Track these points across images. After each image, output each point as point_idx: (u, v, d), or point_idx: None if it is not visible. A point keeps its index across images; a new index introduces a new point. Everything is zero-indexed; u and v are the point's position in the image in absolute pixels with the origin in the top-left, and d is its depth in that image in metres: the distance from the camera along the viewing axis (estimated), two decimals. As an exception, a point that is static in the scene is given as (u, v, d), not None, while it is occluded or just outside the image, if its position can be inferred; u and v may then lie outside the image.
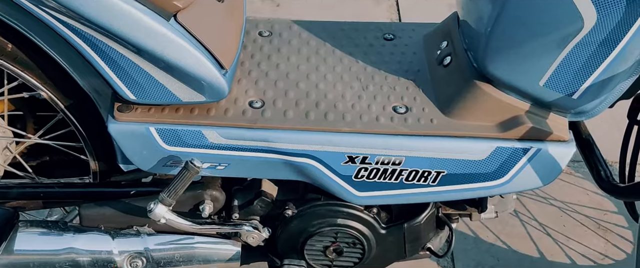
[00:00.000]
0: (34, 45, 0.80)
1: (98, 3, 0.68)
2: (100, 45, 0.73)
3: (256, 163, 0.81)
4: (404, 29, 0.98)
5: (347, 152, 0.79)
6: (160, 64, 0.74)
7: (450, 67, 0.84)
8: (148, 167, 0.82)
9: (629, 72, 0.74)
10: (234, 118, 0.80)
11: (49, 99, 0.88)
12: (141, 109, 0.79)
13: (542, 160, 0.78)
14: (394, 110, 0.82)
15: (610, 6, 0.67)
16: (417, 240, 0.89)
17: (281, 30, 0.97)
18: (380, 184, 0.81)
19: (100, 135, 0.90)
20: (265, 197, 0.88)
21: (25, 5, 0.71)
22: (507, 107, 0.78)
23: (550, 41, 0.72)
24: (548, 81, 0.75)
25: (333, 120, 0.80)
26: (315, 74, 0.87)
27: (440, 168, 0.79)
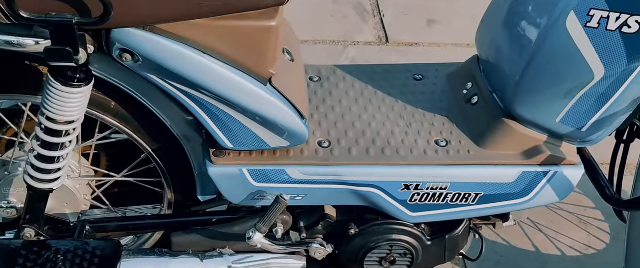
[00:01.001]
0: (133, 100, 0.94)
1: (212, 74, 0.83)
2: (206, 104, 0.87)
3: (329, 193, 0.97)
4: (430, 70, 1.16)
5: (403, 181, 0.97)
6: (257, 118, 0.89)
7: (478, 106, 1.03)
8: (238, 201, 0.97)
9: (626, 109, 0.95)
10: (309, 157, 0.96)
11: (138, 144, 1.01)
12: (233, 154, 0.94)
13: (558, 181, 0.98)
14: (437, 143, 1.00)
15: (614, 64, 0.87)
16: (455, 248, 1.08)
17: (328, 75, 1.13)
18: (429, 206, 0.99)
19: (183, 173, 1.05)
20: (328, 219, 1.05)
21: (143, 74, 0.85)
22: (530, 139, 0.98)
23: (567, 88, 0.91)
24: (563, 118, 0.95)
25: (390, 155, 0.98)
26: (366, 114, 1.05)
27: (478, 190, 0.98)
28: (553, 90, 0.92)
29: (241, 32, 0.81)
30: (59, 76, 0.80)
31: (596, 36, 0.86)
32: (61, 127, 0.85)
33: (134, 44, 0.78)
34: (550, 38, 0.88)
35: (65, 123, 0.85)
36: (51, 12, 0.71)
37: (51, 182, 0.92)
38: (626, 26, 0.84)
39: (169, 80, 0.84)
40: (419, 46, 2.25)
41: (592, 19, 0.85)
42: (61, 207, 1.06)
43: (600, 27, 0.85)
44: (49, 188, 0.93)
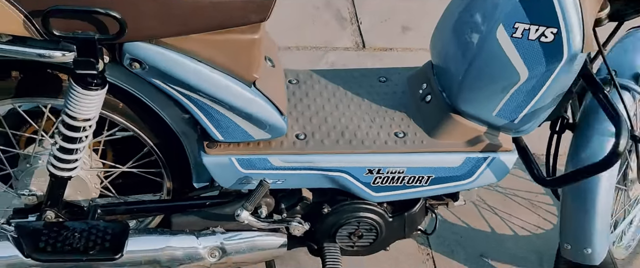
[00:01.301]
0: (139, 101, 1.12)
1: (205, 78, 1.00)
2: (201, 103, 1.05)
3: (305, 178, 1.16)
4: (393, 73, 1.35)
5: (367, 166, 1.15)
6: (243, 114, 1.07)
7: (431, 104, 1.22)
8: (228, 185, 1.15)
9: (550, 104, 1.14)
10: (288, 147, 1.14)
11: (142, 139, 1.19)
12: (223, 145, 1.12)
13: (496, 165, 1.18)
14: (396, 135, 1.19)
15: (536, 67, 1.06)
16: (413, 224, 1.26)
17: (305, 78, 1.31)
18: (390, 187, 1.18)
19: (180, 164, 1.22)
20: (305, 200, 1.23)
21: (149, 79, 1.02)
22: (472, 130, 1.17)
23: (500, 87, 1.10)
24: (499, 112, 1.14)
25: (356, 145, 1.16)
26: (337, 112, 1.23)
27: (430, 173, 1.17)
28: (489, 89, 1.11)
29: (229, 44, 0.99)
30: (80, 81, 0.97)
31: (520, 44, 1.05)
32: (80, 124, 1.02)
33: (142, 55, 0.96)
34: (485, 46, 1.08)
35: (83, 120, 1.02)
36: (77, 30, 0.88)
37: (70, 170, 1.09)
38: (544, 36, 1.04)
39: (170, 84, 1.02)
40: (394, 51, 2.44)
41: (517, 31, 1.04)
42: (75, 194, 1.22)
43: (523, 37, 1.04)
44: (68, 176, 1.10)
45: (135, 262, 1.16)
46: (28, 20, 0.86)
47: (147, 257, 1.17)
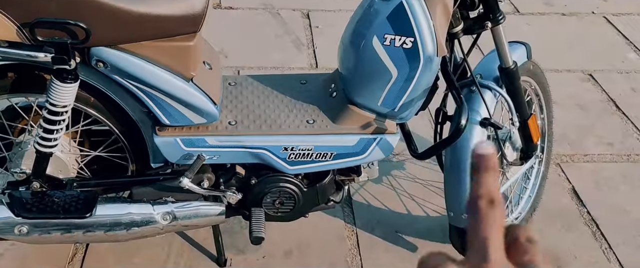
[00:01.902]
0: (106, 96, 1.46)
1: (154, 74, 1.35)
2: (151, 95, 1.39)
3: (235, 154, 1.49)
4: (311, 78, 1.70)
5: (283, 145, 1.49)
6: (184, 103, 1.41)
7: (336, 98, 1.56)
8: (175, 160, 1.48)
9: (420, 96, 1.49)
10: (221, 131, 1.48)
11: (109, 127, 1.53)
12: (170, 128, 1.46)
13: (384, 144, 1.51)
14: (307, 122, 1.53)
15: (403, 67, 1.42)
16: (324, 193, 1.59)
17: (241, 81, 1.66)
18: (301, 162, 1.51)
19: (140, 148, 1.56)
20: (238, 174, 1.56)
21: (111, 76, 1.37)
22: (364, 118, 1.51)
23: (380, 84, 1.45)
24: (382, 103, 1.48)
25: (275, 129, 1.50)
26: (263, 105, 1.58)
27: (332, 151, 1.51)
28: (372, 85, 1.46)
29: (171, 49, 1.34)
30: (58, 76, 1.31)
31: (389, 50, 1.40)
32: (59, 110, 1.36)
33: (104, 56, 1.31)
34: (366, 52, 1.43)
35: (61, 107, 1.36)
36: (55, 36, 1.23)
37: (51, 148, 1.43)
38: (405, 43, 1.39)
39: (127, 80, 1.36)
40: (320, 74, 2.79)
41: (386, 40, 1.40)
42: (57, 173, 1.56)
43: (391, 44, 1.40)
44: (50, 152, 1.44)
45: (102, 223, 1.48)
46: (20, 29, 1.21)
47: (112, 219, 1.49)
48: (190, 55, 1.36)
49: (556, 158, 2.29)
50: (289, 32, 3.06)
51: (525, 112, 1.67)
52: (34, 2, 1.18)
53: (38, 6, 1.19)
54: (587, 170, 2.27)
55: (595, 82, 2.79)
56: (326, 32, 3.06)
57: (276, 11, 3.24)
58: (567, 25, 3.29)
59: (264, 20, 3.14)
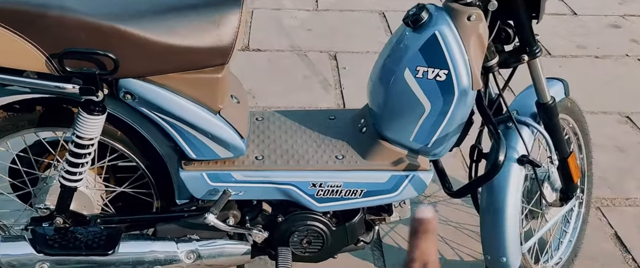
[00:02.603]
0: (132, 130, 1.44)
1: (181, 107, 1.32)
2: (178, 127, 1.36)
3: (261, 190, 1.44)
4: (340, 113, 1.66)
5: (311, 180, 1.44)
6: (210, 136, 1.38)
7: (366, 133, 1.52)
8: (200, 196, 1.44)
9: (455, 131, 1.43)
10: (248, 165, 1.44)
11: (135, 162, 1.50)
12: (196, 162, 1.43)
13: (416, 181, 1.45)
14: (336, 157, 1.48)
15: (436, 100, 1.37)
16: (354, 233, 1.52)
17: (268, 116, 1.63)
18: (330, 198, 1.45)
19: (165, 184, 1.52)
20: (265, 212, 1.51)
21: (138, 108, 1.35)
22: (396, 153, 1.45)
23: (411, 118, 1.40)
24: (414, 138, 1.43)
25: (303, 164, 1.45)
26: (290, 140, 1.54)
27: (362, 188, 1.45)
28: (403, 119, 1.41)
29: (199, 81, 1.31)
30: (85, 108, 1.30)
31: (422, 83, 1.36)
32: (85, 142, 1.34)
33: (133, 88, 1.29)
34: (397, 85, 1.39)
35: (88, 139, 1.34)
36: (84, 67, 1.23)
37: (76, 182, 1.40)
38: (438, 76, 1.35)
39: (155, 112, 1.34)
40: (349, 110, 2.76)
41: (419, 72, 1.36)
42: (80, 208, 1.52)
43: (424, 77, 1.36)
44: (74, 187, 1.41)
45: (125, 261, 1.44)
46: (49, 60, 1.21)
47: (135, 257, 1.44)
48: (218, 87, 1.34)
49: (596, 202, 2.18)
50: (317, 73, 3.06)
51: (565, 150, 1.59)
52: (64, 32, 1.18)
53: (67, 36, 1.18)
54: (630, 215, 2.15)
55: (633, 125, 2.69)
56: (354, 73, 3.05)
57: (304, 53, 3.25)
58: (601, 67, 3.21)
59: (292, 62, 3.15)
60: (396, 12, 3.75)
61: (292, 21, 3.62)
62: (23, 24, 1.16)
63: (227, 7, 1.29)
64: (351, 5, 3.84)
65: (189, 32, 1.26)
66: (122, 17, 1.21)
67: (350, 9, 3.80)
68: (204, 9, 1.28)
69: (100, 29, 1.19)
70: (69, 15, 1.17)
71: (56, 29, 1.17)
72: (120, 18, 1.21)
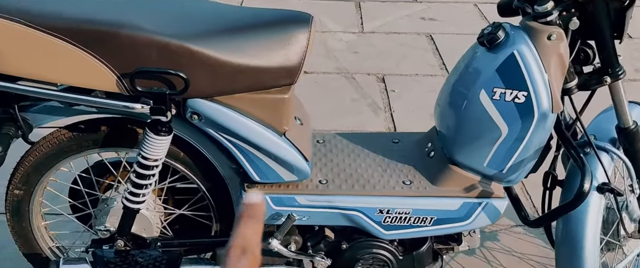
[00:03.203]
0: (196, 151, 1.41)
1: (247, 128, 1.29)
2: (243, 149, 1.33)
3: (325, 216, 1.39)
4: (404, 137, 1.60)
5: (378, 207, 1.38)
6: (275, 159, 1.34)
7: (434, 158, 1.45)
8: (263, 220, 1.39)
9: (532, 157, 1.35)
10: (312, 189, 1.39)
11: (196, 184, 1.47)
12: (260, 186, 1.38)
13: (490, 209, 1.38)
14: (403, 182, 1.42)
15: (514, 124, 1.30)
16: (421, 263, 1.45)
17: (330, 139, 1.59)
18: (398, 226, 1.39)
19: (226, 207, 1.48)
20: (328, 238, 1.45)
21: (204, 129, 1.32)
22: (467, 179, 1.39)
23: (486, 142, 1.33)
24: (488, 163, 1.36)
25: (369, 189, 1.40)
26: (354, 164, 1.48)
27: (432, 215, 1.38)
28: (477, 143, 1.35)
29: (266, 101, 1.28)
30: (152, 129, 1.28)
31: (499, 105, 1.29)
32: (150, 163, 1.32)
33: (200, 108, 1.26)
34: (472, 107, 1.33)
35: (153, 160, 1.31)
36: (154, 87, 1.20)
37: (139, 203, 1.37)
38: (517, 98, 1.28)
39: (220, 133, 1.31)
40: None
41: (495, 94, 1.29)
42: (141, 231, 1.49)
43: (501, 98, 1.29)
44: (137, 208, 1.38)
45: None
46: (120, 79, 1.19)
47: (194, 282, 1.40)
48: (284, 108, 1.30)
49: (671, 233, 2.05)
50: (365, 96, 3.01)
51: (646, 177, 1.50)
52: (136, 51, 1.16)
53: (139, 56, 1.16)
54: None
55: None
56: (403, 96, 2.99)
57: (351, 75, 3.21)
58: (662, 91, 3.08)
59: (339, 85, 3.11)
60: (443, 35, 3.69)
61: (338, 44, 3.59)
62: (95, 43, 1.15)
63: (295, 26, 1.26)
64: (397, 28, 3.80)
65: (257, 52, 1.23)
66: (192, 36, 1.19)
67: (396, 31, 3.76)
68: (272, 28, 1.25)
69: (172, 49, 1.16)
70: (141, 35, 1.15)
71: (129, 49, 1.15)
72: (190, 37, 1.19)
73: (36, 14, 1.14)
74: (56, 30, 1.13)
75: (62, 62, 1.16)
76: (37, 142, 1.40)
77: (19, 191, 1.43)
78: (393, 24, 3.84)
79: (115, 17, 1.16)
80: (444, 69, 3.24)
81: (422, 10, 4.09)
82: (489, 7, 4.16)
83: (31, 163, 1.40)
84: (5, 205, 1.45)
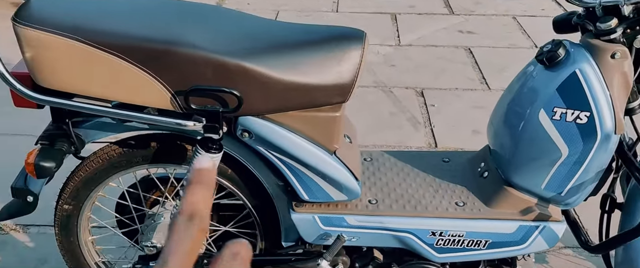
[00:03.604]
0: (244, 168, 1.39)
1: (297, 145, 1.27)
2: (293, 167, 1.31)
3: (376, 237, 1.35)
4: (454, 155, 1.56)
5: (431, 229, 1.34)
6: (325, 178, 1.31)
7: (488, 179, 1.41)
8: (311, 240, 1.37)
9: (593, 179, 1.30)
10: (362, 209, 1.36)
11: (243, 201, 1.45)
12: (308, 205, 1.36)
13: (547, 233, 1.32)
14: (456, 204, 1.38)
15: (575, 145, 1.25)
16: (473, 287, 1.41)
17: (377, 157, 1.55)
18: (451, 249, 1.35)
19: (271, 225, 1.46)
20: (376, 260, 1.42)
21: (254, 146, 1.30)
22: (524, 201, 1.34)
23: (545, 163, 1.28)
24: (546, 185, 1.31)
25: (420, 210, 1.36)
26: (404, 183, 1.45)
27: (487, 238, 1.33)
28: (535, 164, 1.30)
29: (317, 120, 1.26)
30: (203, 146, 1.26)
31: (559, 125, 1.25)
32: (200, 181, 1.30)
33: (251, 126, 1.25)
34: (530, 127, 1.28)
35: (202, 178, 1.30)
36: (207, 105, 1.19)
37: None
38: (579, 118, 1.23)
39: (270, 150, 1.29)
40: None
41: (556, 114, 1.25)
42: (185, 247, 1.48)
43: (562, 119, 1.24)
44: (185, 225, 1.37)
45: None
46: (174, 97, 1.18)
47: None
48: (335, 126, 1.27)
49: None
50: (404, 110, 2.97)
51: None
52: (191, 69, 1.15)
53: (194, 74, 1.15)
54: None
55: None
56: (443, 110, 2.94)
57: (389, 89, 3.18)
58: None
59: (377, 98, 3.08)
60: (482, 48, 3.63)
61: (375, 57, 3.57)
62: (150, 61, 1.14)
63: (348, 43, 1.23)
64: (434, 41, 3.76)
65: (310, 69, 1.21)
66: (246, 54, 1.18)
67: (433, 45, 3.72)
68: (325, 45, 1.23)
69: (227, 67, 1.15)
70: (196, 53, 1.14)
71: (184, 67, 1.14)
72: (244, 55, 1.17)
73: (92, 31, 1.14)
74: (112, 47, 1.13)
75: (117, 79, 1.16)
76: (87, 157, 1.41)
77: (68, 206, 1.44)
78: (430, 37, 3.80)
79: (170, 35, 1.16)
80: (484, 83, 3.18)
81: (460, 23, 4.04)
82: (527, 20, 4.09)
83: (81, 179, 1.40)
84: (55, 219, 1.46)
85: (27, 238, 1.90)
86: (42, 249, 1.87)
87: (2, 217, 1.41)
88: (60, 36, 1.13)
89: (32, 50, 1.13)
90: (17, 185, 1.35)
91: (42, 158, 1.23)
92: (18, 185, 1.35)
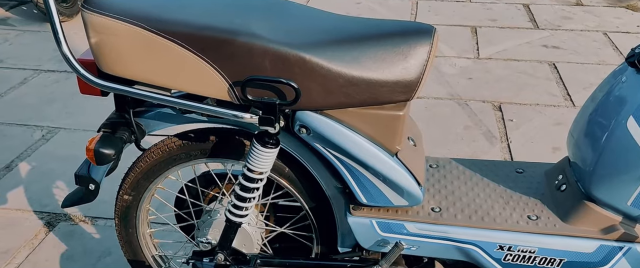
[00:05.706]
0: (301, 167, 1.34)
1: (357, 145, 1.21)
2: (351, 168, 1.25)
3: (437, 247, 1.26)
4: (529, 166, 1.44)
5: (499, 242, 1.23)
6: (385, 181, 1.24)
7: (566, 192, 1.28)
8: (368, 246, 1.30)
9: (688, 198, 1.15)
10: (423, 217, 1.27)
11: (299, 202, 1.40)
12: (366, 209, 1.29)
13: (633, 256, 1.18)
14: (528, 217, 1.26)
15: (669, 156, 1.11)
16: (545, 310, 1.27)
17: (444, 164, 1.46)
18: (520, 265, 1.23)
19: (328, 228, 1.40)
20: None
21: (312, 143, 1.25)
22: (606, 218, 1.20)
23: (633, 177, 1.15)
24: (633, 202, 1.17)
25: (488, 221, 1.25)
26: (472, 193, 1.34)
27: (562, 257, 1.21)
28: (621, 178, 1.16)
29: (379, 118, 1.19)
30: (260, 140, 1.23)
31: (651, 133, 1.11)
32: (256, 176, 1.27)
33: (309, 121, 1.20)
34: (615, 137, 1.15)
35: (258, 173, 1.27)
36: (264, 97, 1.16)
37: (242, 217, 1.33)
38: (675, 126, 1.09)
39: (328, 148, 1.24)
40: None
41: (647, 121, 1.11)
42: (241, 246, 1.45)
43: (654, 126, 1.11)
44: (240, 222, 1.34)
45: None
46: (231, 87, 1.16)
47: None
48: (398, 126, 1.20)
49: None
50: (479, 124, 2.83)
51: None
52: (249, 59, 1.12)
53: (252, 64, 1.12)
54: None
55: None
56: (522, 126, 2.78)
57: (464, 102, 3.05)
58: None
59: (451, 111, 2.96)
60: (569, 64, 3.42)
61: (451, 69, 3.45)
62: (210, 50, 1.12)
63: (416, 38, 1.16)
64: (516, 55, 3.58)
65: (374, 64, 1.15)
66: (305, 45, 1.14)
67: (515, 59, 3.54)
68: (390, 39, 1.16)
69: (284, 58, 1.11)
70: (255, 43, 1.11)
71: (242, 57, 1.12)
72: (303, 47, 1.13)
73: (156, 18, 1.14)
74: (174, 35, 1.13)
75: (178, 68, 1.15)
76: (148, 148, 1.41)
77: (128, 197, 1.45)
78: (512, 51, 3.63)
79: (230, 24, 1.14)
80: (569, 100, 2.99)
81: (545, 37, 3.84)
82: (621, 36, 3.82)
83: (142, 170, 1.41)
84: (115, 209, 1.47)
85: (94, 229, 1.95)
86: (107, 241, 1.90)
87: (65, 204, 1.44)
88: (124, 23, 1.13)
89: (97, 36, 1.14)
90: (80, 172, 1.37)
91: (102, 145, 1.24)
92: (81, 172, 1.37)
